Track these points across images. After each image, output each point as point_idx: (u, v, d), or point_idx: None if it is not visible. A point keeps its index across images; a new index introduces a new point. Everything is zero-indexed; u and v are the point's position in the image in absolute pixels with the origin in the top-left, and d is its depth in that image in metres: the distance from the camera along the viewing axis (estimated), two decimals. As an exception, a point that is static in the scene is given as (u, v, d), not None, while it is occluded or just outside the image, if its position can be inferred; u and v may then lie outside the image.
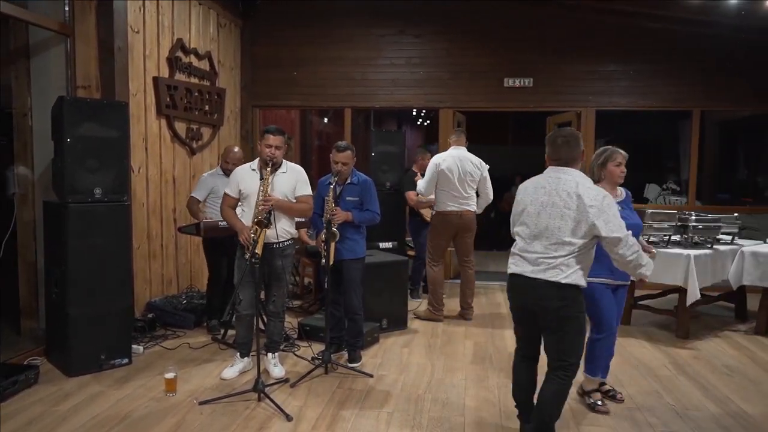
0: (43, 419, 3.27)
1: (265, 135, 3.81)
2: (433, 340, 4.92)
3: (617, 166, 3.40)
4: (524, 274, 2.81)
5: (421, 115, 13.97)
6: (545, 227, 2.77)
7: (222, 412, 3.39)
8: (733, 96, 6.88)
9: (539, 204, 2.81)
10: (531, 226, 2.83)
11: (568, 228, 2.72)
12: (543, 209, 2.79)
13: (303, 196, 3.98)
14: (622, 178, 3.45)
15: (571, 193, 2.72)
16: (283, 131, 3.88)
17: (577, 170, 2.84)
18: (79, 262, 3.90)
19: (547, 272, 2.74)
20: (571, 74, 6.96)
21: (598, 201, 2.69)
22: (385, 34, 7.14)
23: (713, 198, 8.99)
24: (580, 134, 2.95)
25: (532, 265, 2.79)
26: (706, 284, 4.92)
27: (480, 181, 5.46)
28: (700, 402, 3.66)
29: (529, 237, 2.83)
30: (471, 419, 3.38)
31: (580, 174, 2.82)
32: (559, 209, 2.74)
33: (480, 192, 5.51)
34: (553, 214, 2.75)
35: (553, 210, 2.76)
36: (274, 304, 4.02)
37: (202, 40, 6.09)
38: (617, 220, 2.72)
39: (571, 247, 2.72)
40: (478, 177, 5.44)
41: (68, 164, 3.83)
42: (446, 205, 5.39)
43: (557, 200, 2.75)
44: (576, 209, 2.70)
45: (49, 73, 4.56)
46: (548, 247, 2.76)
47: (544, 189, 2.82)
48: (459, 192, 5.36)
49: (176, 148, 5.65)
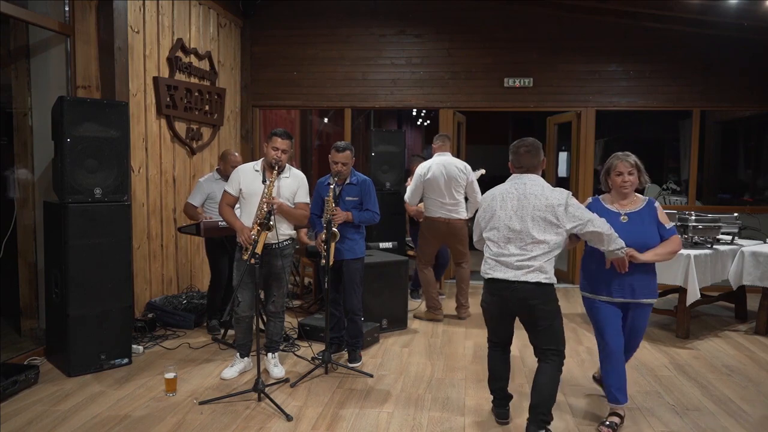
0: (43, 419, 3.27)
1: (273, 137, 3.80)
2: (433, 340, 4.92)
3: (618, 176, 3.27)
4: (507, 278, 3.00)
5: (421, 115, 13.98)
6: (519, 230, 2.99)
7: (222, 412, 3.39)
8: (733, 96, 6.88)
9: (510, 209, 3.03)
10: (503, 230, 3.04)
11: (539, 228, 2.96)
12: (514, 213, 3.02)
13: (302, 203, 3.98)
14: (627, 188, 3.27)
15: (539, 195, 2.99)
16: (291, 135, 3.87)
17: (538, 176, 3.11)
18: (79, 262, 3.90)
19: (529, 275, 2.96)
20: (571, 74, 6.96)
21: (563, 200, 2.98)
22: (385, 34, 7.14)
23: (713, 198, 9.00)
24: (541, 144, 3.18)
25: (514, 269, 2.99)
26: (706, 284, 4.91)
27: (467, 185, 5.45)
28: (700, 402, 3.66)
29: (503, 240, 3.04)
30: (471, 419, 3.38)
31: (542, 179, 3.11)
32: (529, 211, 2.98)
33: (468, 196, 5.51)
34: (525, 217, 2.99)
35: (524, 213, 2.99)
36: (274, 304, 4.02)
37: (202, 40, 6.09)
38: (582, 212, 2.98)
39: (544, 245, 2.96)
40: (464, 182, 5.41)
41: (68, 164, 3.83)
42: (434, 212, 5.41)
43: (526, 204, 3.00)
44: (544, 209, 2.96)
45: (49, 73, 4.56)
46: (523, 249, 2.98)
47: (512, 195, 3.06)
48: (446, 199, 5.35)
49: (176, 148, 5.66)
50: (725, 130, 9.54)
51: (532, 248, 2.96)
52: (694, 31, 6.70)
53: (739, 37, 6.65)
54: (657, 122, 9.69)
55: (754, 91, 6.82)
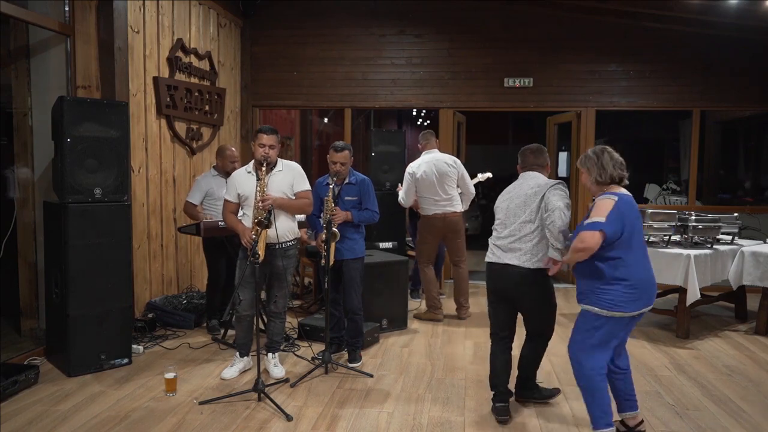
0: (43, 419, 3.27)
1: (258, 135, 3.81)
2: (433, 340, 4.92)
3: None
4: (498, 261, 3.31)
5: (421, 115, 13.98)
6: (513, 214, 3.31)
7: (222, 412, 3.39)
8: (733, 96, 6.88)
9: (507, 198, 3.39)
10: (501, 216, 3.39)
11: (529, 209, 3.24)
12: (510, 201, 3.36)
13: (302, 191, 3.97)
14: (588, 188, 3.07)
15: (533, 185, 3.30)
16: (276, 130, 3.87)
17: (540, 173, 3.39)
18: (79, 262, 3.90)
19: (517, 259, 3.24)
20: (571, 74, 6.96)
21: (552, 183, 3.26)
22: (385, 34, 7.14)
23: (713, 198, 9.00)
24: (545, 149, 3.49)
25: (504, 251, 3.30)
26: (706, 284, 4.91)
27: (459, 178, 5.45)
28: (700, 402, 3.66)
29: (500, 225, 3.39)
30: (471, 419, 3.38)
31: (543, 176, 3.38)
32: (522, 198, 3.30)
33: (462, 188, 5.50)
34: (519, 204, 3.31)
35: (518, 200, 3.32)
36: (276, 304, 4.01)
37: (202, 40, 6.09)
38: (556, 201, 3.11)
39: (531, 224, 3.22)
40: (455, 176, 5.41)
41: (68, 164, 3.83)
42: (429, 209, 5.41)
43: (520, 192, 3.34)
44: (534, 195, 3.25)
45: (49, 73, 4.56)
46: (513, 230, 3.28)
47: (513, 186, 3.42)
48: (439, 195, 5.35)
49: (176, 148, 5.66)
50: (725, 130, 9.54)
51: (520, 228, 3.26)
52: (694, 31, 6.70)
53: (739, 37, 6.65)
54: (657, 122, 9.69)
55: (754, 91, 6.82)
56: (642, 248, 2.93)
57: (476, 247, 9.04)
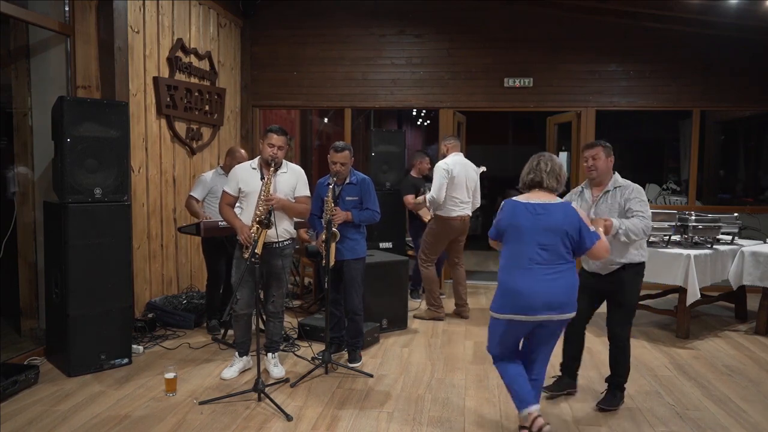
0: (43, 419, 3.27)
1: (269, 134, 3.80)
2: (433, 340, 4.92)
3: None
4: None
5: (421, 115, 13.97)
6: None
7: (222, 412, 3.39)
8: (733, 96, 6.88)
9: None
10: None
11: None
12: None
13: (302, 196, 3.98)
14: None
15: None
16: (286, 132, 3.88)
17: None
18: (79, 262, 3.90)
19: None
20: (571, 74, 6.96)
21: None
22: (385, 34, 7.14)
23: (713, 198, 9.00)
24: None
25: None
26: (706, 284, 4.92)
27: (475, 187, 5.57)
28: (700, 402, 3.66)
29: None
30: (471, 419, 3.38)
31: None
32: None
33: (473, 196, 5.58)
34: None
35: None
36: (274, 304, 4.01)
37: (202, 40, 6.09)
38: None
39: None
40: (475, 183, 5.55)
41: (68, 164, 3.83)
42: (451, 210, 5.40)
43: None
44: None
45: (49, 73, 4.56)
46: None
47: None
48: (464, 198, 5.44)
49: (176, 148, 5.66)
50: (725, 130, 9.53)
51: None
52: (694, 31, 6.70)
53: (739, 37, 6.65)
54: (657, 122, 9.68)
55: (754, 91, 6.82)
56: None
57: (476, 247, 9.05)
